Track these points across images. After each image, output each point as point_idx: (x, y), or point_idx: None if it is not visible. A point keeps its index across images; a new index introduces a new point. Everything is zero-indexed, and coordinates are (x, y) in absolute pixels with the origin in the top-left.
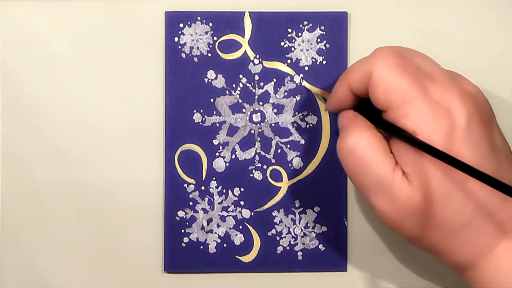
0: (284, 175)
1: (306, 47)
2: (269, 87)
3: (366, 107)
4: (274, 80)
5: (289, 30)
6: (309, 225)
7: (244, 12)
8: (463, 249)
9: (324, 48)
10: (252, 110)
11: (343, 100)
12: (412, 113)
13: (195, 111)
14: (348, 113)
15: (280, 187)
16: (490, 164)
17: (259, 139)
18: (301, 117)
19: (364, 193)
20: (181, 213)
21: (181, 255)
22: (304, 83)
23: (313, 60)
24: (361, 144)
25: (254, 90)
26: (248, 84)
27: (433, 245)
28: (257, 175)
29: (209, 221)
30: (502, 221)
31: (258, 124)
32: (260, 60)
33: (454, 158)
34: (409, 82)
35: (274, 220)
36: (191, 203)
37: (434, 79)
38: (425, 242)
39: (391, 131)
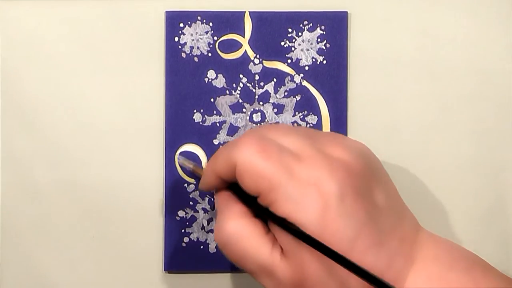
0: None
1: (306, 47)
2: (269, 87)
3: (241, 187)
4: (274, 80)
5: (289, 30)
6: None
7: (244, 12)
8: None
9: (324, 48)
10: (252, 110)
11: (214, 184)
12: (281, 200)
13: (195, 111)
14: (223, 195)
15: None
16: (370, 232)
17: None
18: (301, 117)
19: (253, 276)
20: (181, 213)
21: (181, 255)
22: (182, 162)
23: (313, 60)
24: (236, 232)
25: (254, 90)
26: (248, 84)
27: None
28: None
29: (210, 220)
30: None
31: (259, 124)
32: (260, 60)
33: (322, 244)
34: (273, 167)
35: None
36: (191, 203)
37: (300, 157)
38: None
39: (265, 215)
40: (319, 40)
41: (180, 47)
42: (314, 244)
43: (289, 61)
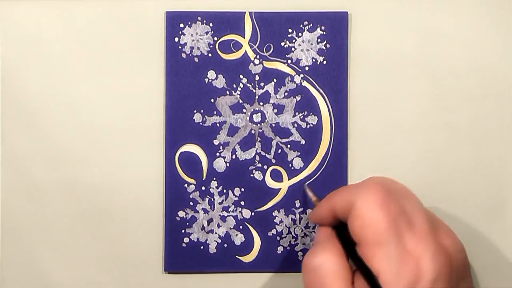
0: (285, 175)
1: (306, 47)
2: (270, 87)
3: (344, 231)
4: (275, 80)
5: (290, 30)
6: (309, 225)
7: (245, 12)
8: None
9: (324, 48)
10: (252, 110)
11: (325, 217)
12: (381, 256)
13: (195, 111)
14: (326, 230)
15: (280, 187)
16: None
17: (259, 139)
18: (301, 117)
19: None
20: (181, 213)
21: (181, 255)
22: (306, 189)
23: (314, 60)
24: (325, 266)
25: (254, 90)
26: (248, 84)
27: None
28: (258, 175)
29: (210, 221)
30: None
31: (259, 124)
32: (261, 60)
33: None
34: (387, 225)
35: (275, 220)
36: (191, 203)
37: (413, 228)
38: None
39: (358, 266)
40: (319, 40)
41: (180, 47)
42: None
43: (289, 61)
